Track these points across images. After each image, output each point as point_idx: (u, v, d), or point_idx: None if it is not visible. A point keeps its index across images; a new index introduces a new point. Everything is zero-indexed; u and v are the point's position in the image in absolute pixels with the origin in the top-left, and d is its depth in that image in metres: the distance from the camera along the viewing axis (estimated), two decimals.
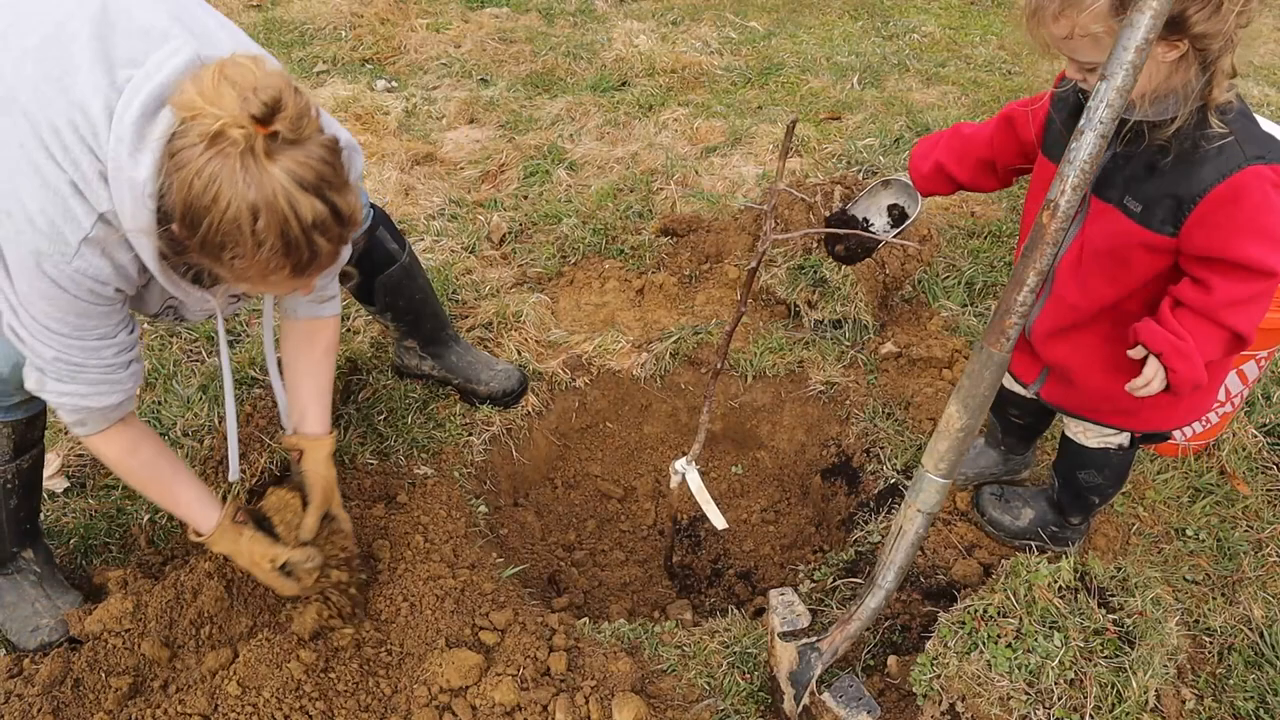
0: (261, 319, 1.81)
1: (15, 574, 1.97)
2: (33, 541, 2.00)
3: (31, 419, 1.84)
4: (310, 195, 1.32)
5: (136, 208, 1.36)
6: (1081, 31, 1.40)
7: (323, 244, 1.37)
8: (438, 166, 3.76)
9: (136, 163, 1.33)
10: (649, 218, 3.34)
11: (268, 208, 1.29)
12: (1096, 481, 2.02)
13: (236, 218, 1.28)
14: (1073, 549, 2.17)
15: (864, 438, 2.53)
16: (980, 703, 1.56)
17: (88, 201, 1.38)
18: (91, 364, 1.55)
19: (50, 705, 1.74)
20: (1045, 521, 2.16)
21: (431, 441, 2.46)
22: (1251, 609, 2.06)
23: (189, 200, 1.30)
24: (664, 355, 2.78)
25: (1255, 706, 1.88)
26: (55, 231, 1.37)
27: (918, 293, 2.98)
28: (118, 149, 1.33)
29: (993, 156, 1.89)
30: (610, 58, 4.70)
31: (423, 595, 1.95)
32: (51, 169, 1.35)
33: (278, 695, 1.75)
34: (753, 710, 1.85)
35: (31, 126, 1.34)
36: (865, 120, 4.05)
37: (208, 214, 1.29)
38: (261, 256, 1.33)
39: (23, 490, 1.90)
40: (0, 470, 1.85)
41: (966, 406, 1.55)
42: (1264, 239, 1.46)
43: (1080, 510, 2.11)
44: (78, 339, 1.51)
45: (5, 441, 1.83)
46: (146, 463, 1.74)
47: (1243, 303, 1.52)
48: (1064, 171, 1.36)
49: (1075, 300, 1.71)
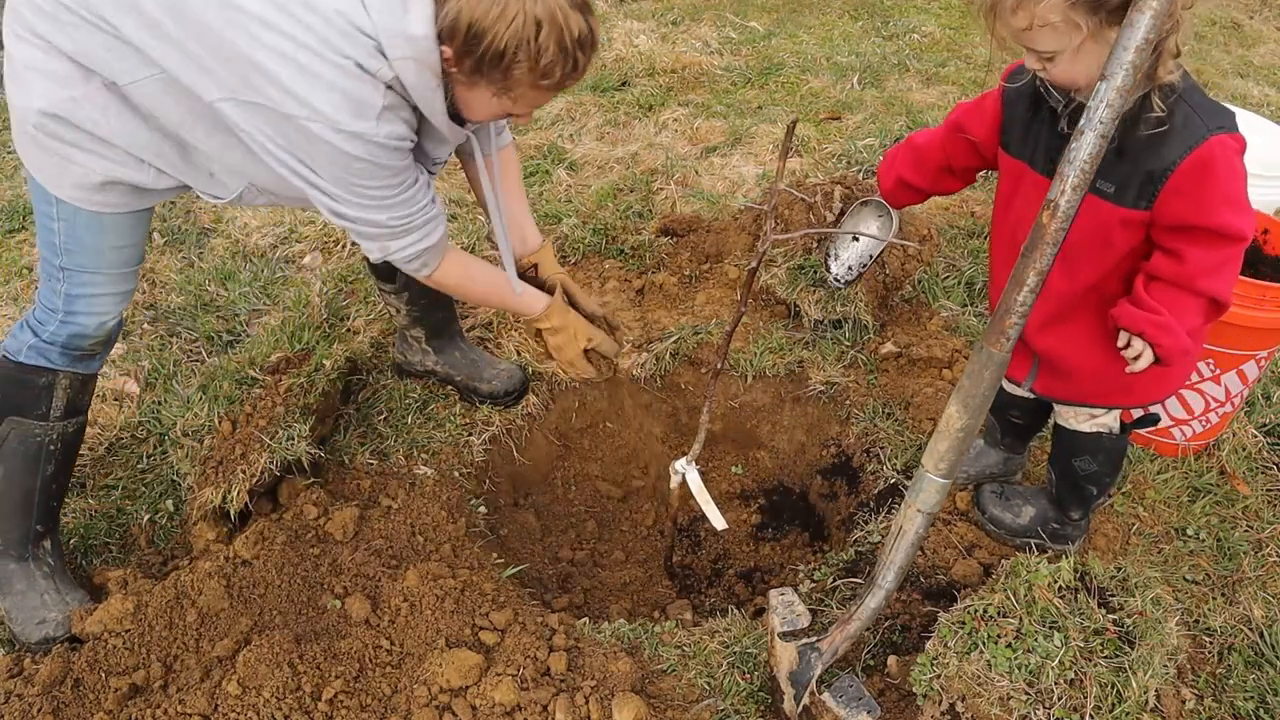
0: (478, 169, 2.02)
1: (30, 561, 1.98)
2: (53, 530, 2.03)
3: (86, 379, 1.96)
4: (578, 13, 1.55)
5: (423, 55, 1.55)
6: (1040, 21, 1.43)
7: (582, 60, 1.61)
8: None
9: (409, 19, 1.51)
10: (649, 218, 3.34)
11: (549, 20, 1.51)
12: (1092, 469, 2.04)
13: (522, 29, 1.50)
14: (1073, 548, 2.17)
15: (864, 438, 2.53)
16: (980, 703, 1.56)
17: (374, 77, 1.55)
18: (415, 212, 1.78)
19: (50, 705, 1.74)
20: (1046, 519, 2.16)
21: (431, 441, 2.47)
22: (1251, 609, 2.06)
23: (474, 19, 1.50)
24: (664, 355, 2.78)
25: (1255, 706, 1.88)
26: (357, 114, 1.56)
27: (918, 293, 2.98)
28: (385, 19, 1.51)
29: (947, 161, 1.97)
30: (610, 58, 4.70)
31: (423, 595, 1.95)
32: (328, 69, 1.51)
33: (278, 695, 1.75)
34: (753, 710, 1.85)
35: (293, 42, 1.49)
36: (865, 120, 4.05)
37: (493, 28, 1.50)
38: (543, 63, 1.55)
39: (61, 457, 1.97)
40: (46, 428, 1.92)
41: (966, 406, 1.55)
42: (1233, 205, 1.54)
43: (1079, 503, 2.12)
44: (398, 195, 1.73)
45: (60, 395, 1.91)
46: (478, 277, 2.04)
47: (1216, 268, 1.57)
48: (1064, 171, 1.36)
49: (1063, 287, 1.75)
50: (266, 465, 2.15)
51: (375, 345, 2.74)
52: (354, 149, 1.58)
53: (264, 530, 2.08)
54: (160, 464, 2.36)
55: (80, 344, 1.89)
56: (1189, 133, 1.51)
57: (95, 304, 1.87)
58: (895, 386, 2.66)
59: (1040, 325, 1.84)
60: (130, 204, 1.80)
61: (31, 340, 1.87)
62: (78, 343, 1.89)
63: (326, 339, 2.69)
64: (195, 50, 1.52)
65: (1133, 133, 1.54)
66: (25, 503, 1.95)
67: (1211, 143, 1.50)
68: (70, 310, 1.86)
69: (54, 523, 2.03)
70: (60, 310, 1.86)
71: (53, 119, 1.63)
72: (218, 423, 2.27)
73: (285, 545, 2.06)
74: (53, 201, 1.76)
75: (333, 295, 2.95)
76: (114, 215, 1.80)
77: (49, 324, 1.87)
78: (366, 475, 2.35)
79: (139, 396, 2.56)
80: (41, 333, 1.87)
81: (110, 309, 1.89)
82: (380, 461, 2.40)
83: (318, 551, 2.08)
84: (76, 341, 1.88)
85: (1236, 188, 1.53)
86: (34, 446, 1.93)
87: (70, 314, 1.86)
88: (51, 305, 1.86)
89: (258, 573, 2.01)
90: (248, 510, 2.15)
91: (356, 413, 2.53)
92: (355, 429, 2.48)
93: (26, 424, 1.91)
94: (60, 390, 1.91)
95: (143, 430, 2.47)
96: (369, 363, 2.67)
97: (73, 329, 1.87)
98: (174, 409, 2.40)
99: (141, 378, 2.62)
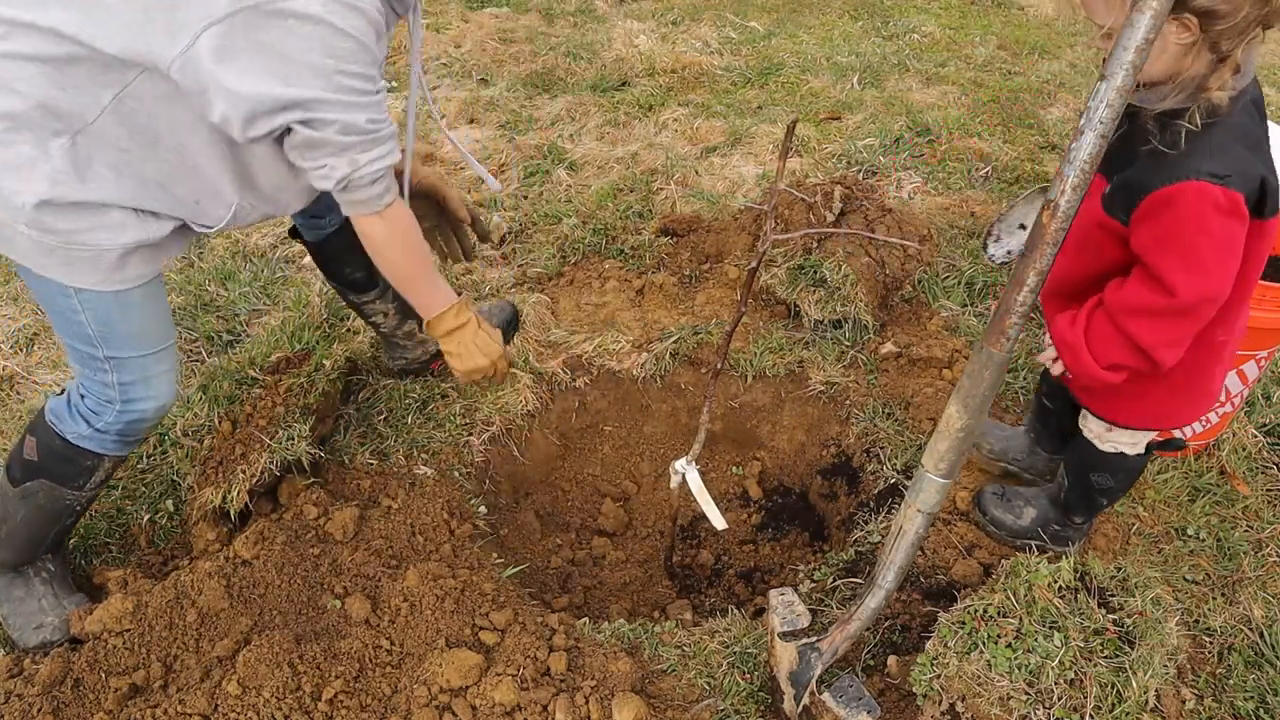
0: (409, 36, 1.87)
1: (29, 569, 2.00)
2: (58, 548, 2.05)
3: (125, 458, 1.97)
4: None
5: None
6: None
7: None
8: (438, 166, 3.76)
9: None
10: (649, 218, 3.34)
11: None
12: (1108, 485, 2.03)
13: None
14: (1072, 549, 2.17)
15: (864, 438, 2.53)
16: (980, 703, 1.56)
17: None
18: (384, 120, 1.65)
19: (50, 705, 1.74)
20: (1047, 520, 2.16)
21: (431, 441, 2.47)
22: (1251, 609, 2.06)
23: None
24: (664, 355, 2.78)
25: (1255, 706, 1.88)
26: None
27: (918, 293, 2.98)
28: None
29: None
30: (610, 58, 4.70)
31: (423, 595, 1.95)
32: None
33: (278, 695, 1.75)
34: (753, 710, 1.85)
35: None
36: (865, 120, 4.05)
37: None
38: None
39: (80, 511, 1.99)
40: (77, 495, 1.93)
41: (966, 406, 1.55)
42: (1182, 258, 1.45)
43: (1086, 510, 2.11)
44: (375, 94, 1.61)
45: (101, 473, 1.93)
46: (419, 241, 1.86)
47: (1144, 313, 1.52)
48: (1064, 171, 1.36)
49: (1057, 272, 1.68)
50: (266, 465, 2.15)
51: (375, 345, 2.74)
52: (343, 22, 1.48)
53: (264, 530, 2.08)
54: (160, 464, 2.36)
55: (138, 429, 1.88)
56: (1180, 165, 1.43)
57: (151, 387, 1.83)
58: (895, 386, 2.66)
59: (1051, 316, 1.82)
60: (147, 272, 1.73)
61: (86, 430, 1.84)
62: (135, 429, 1.87)
63: (326, 339, 2.69)
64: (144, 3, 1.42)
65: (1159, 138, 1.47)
66: (34, 543, 1.98)
67: (1189, 185, 1.41)
68: (127, 399, 1.82)
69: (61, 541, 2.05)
70: (117, 401, 1.82)
71: (45, 208, 1.53)
72: (218, 423, 2.27)
73: (285, 545, 2.06)
74: (71, 294, 1.68)
75: (333, 295, 2.95)
76: (140, 289, 1.73)
77: (105, 414, 1.83)
78: (366, 475, 2.35)
79: None
80: (96, 423, 1.84)
81: (166, 389, 1.86)
82: (380, 461, 2.40)
83: (318, 551, 2.08)
84: (134, 428, 1.87)
85: (1195, 242, 1.43)
86: (60, 508, 1.94)
87: (128, 403, 1.83)
88: (106, 397, 1.81)
89: (258, 573, 2.00)
90: (248, 510, 2.15)
91: (356, 413, 2.53)
92: (355, 429, 2.48)
93: (59, 490, 1.91)
94: (102, 470, 1.92)
95: None
96: (369, 363, 2.67)
97: (131, 416, 1.84)
98: (174, 409, 2.40)
99: None
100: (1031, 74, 4.64)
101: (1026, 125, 4.11)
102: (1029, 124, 4.12)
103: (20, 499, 1.90)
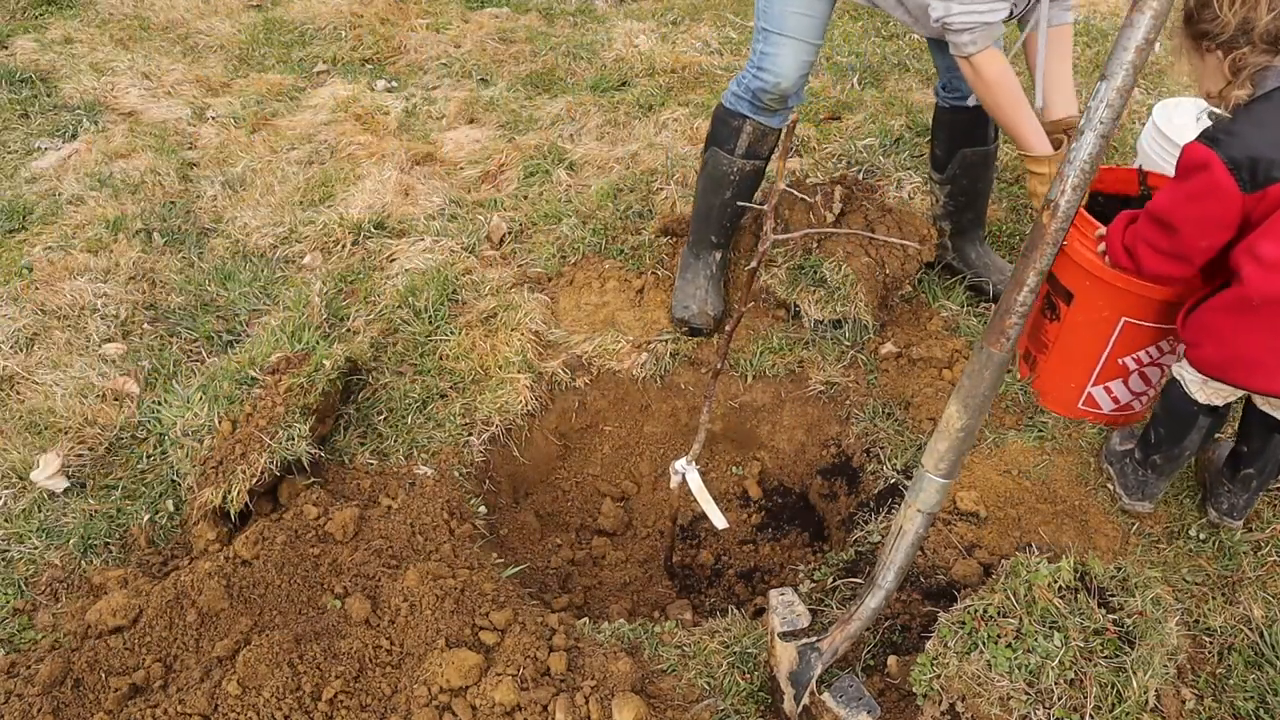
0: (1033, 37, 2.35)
1: (700, 261, 2.76)
2: (723, 246, 2.77)
3: (766, 131, 2.55)
4: None
5: None
6: None
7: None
8: (437, 166, 3.76)
9: None
10: (649, 218, 3.34)
11: None
12: (1158, 412, 2.20)
13: None
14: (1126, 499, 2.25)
15: (864, 438, 2.53)
16: (980, 703, 1.56)
17: None
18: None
19: (50, 705, 1.74)
20: (1129, 450, 2.28)
21: (431, 441, 2.47)
22: (1251, 609, 2.06)
23: None
24: (664, 355, 2.78)
25: (1255, 706, 1.88)
26: None
27: (918, 293, 2.97)
28: None
29: None
30: (610, 58, 4.70)
31: (423, 595, 1.95)
32: None
33: (278, 695, 1.75)
34: (753, 710, 1.85)
35: None
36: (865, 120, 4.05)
37: None
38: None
39: (738, 187, 2.63)
40: (730, 161, 2.58)
41: (966, 406, 1.55)
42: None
43: (1144, 439, 2.23)
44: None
45: (745, 137, 2.54)
46: (1012, 84, 2.23)
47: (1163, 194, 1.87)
48: (1064, 171, 1.36)
49: None
50: (266, 465, 2.15)
51: (375, 345, 2.74)
52: None
53: (264, 530, 2.08)
54: (160, 464, 2.36)
55: (763, 97, 2.45)
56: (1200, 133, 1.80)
57: (776, 62, 2.37)
58: (895, 386, 2.66)
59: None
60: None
61: (734, 89, 2.51)
62: (761, 96, 2.45)
63: (326, 339, 2.69)
64: None
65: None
66: (708, 214, 2.70)
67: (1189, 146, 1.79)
68: (759, 67, 2.41)
69: (725, 240, 2.77)
70: (754, 66, 2.43)
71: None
72: (218, 423, 2.27)
73: (285, 545, 2.06)
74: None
75: (333, 295, 2.95)
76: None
77: (744, 77, 2.47)
78: (366, 475, 2.35)
79: (139, 396, 2.56)
80: (738, 84, 2.50)
81: (787, 72, 2.38)
82: (380, 461, 2.40)
83: (318, 551, 2.08)
84: (761, 96, 2.45)
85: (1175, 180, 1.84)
86: (719, 174, 2.61)
87: (759, 70, 2.42)
88: (752, 62, 2.42)
89: (258, 573, 2.01)
90: (248, 510, 2.15)
91: (356, 413, 2.53)
92: (355, 429, 2.48)
93: (718, 154, 2.58)
94: (745, 134, 2.53)
95: (143, 430, 2.47)
96: (369, 363, 2.67)
97: (758, 84, 2.43)
98: (174, 409, 2.40)
99: (141, 378, 2.62)
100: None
101: None
102: None
103: (701, 172, 2.67)
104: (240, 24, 4.98)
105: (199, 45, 4.76)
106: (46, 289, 2.90)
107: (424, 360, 2.72)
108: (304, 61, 4.67)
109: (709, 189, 2.66)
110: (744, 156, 2.57)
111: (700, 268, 2.75)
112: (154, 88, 4.24)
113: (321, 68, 4.62)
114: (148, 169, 3.58)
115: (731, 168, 2.59)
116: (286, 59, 4.70)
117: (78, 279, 2.95)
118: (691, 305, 2.71)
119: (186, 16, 5.02)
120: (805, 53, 2.39)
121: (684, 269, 2.79)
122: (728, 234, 2.76)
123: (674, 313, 2.74)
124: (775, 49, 2.39)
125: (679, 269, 2.81)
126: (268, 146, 3.84)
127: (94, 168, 3.58)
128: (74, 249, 3.09)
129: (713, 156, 2.62)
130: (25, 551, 2.15)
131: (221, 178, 3.60)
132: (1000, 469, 2.37)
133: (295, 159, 3.75)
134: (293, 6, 5.20)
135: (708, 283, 2.74)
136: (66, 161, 3.63)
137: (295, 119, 4.07)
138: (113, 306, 2.87)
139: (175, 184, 3.56)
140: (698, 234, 2.76)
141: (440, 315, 2.86)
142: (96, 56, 4.47)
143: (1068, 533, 2.21)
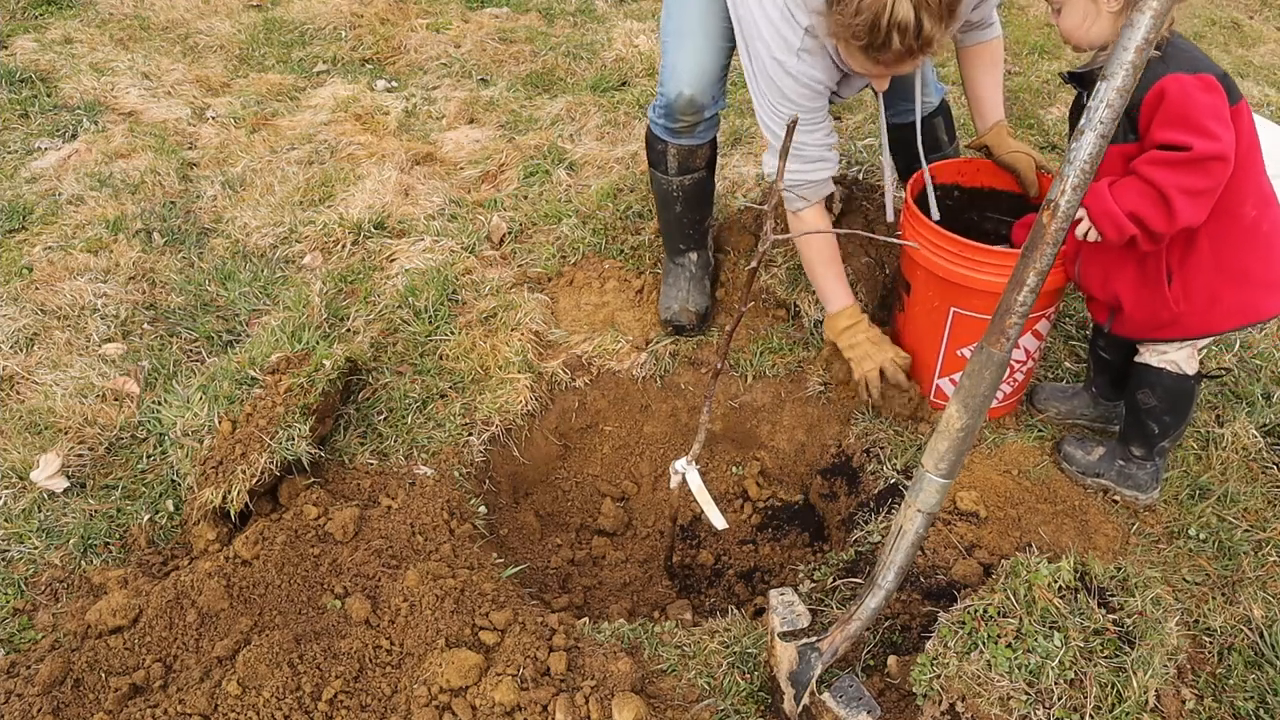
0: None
1: (677, 265, 2.80)
2: (698, 248, 2.79)
3: (693, 149, 2.54)
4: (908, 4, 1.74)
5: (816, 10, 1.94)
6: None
7: (896, 42, 1.80)
8: (437, 166, 3.76)
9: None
10: (649, 218, 3.34)
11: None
12: (1151, 404, 2.16)
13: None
14: (1144, 497, 2.25)
15: (864, 438, 2.53)
16: (980, 703, 1.56)
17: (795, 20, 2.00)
18: (808, 142, 2.17)
19: (50, 705, 1.74)
20: (1114, 455, 2.27)
21: (431, 441, 2.46)
22: (1251, 609, 2.06)
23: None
24: (664, 355, 2.78)
25: (1255, 706, 1.88)
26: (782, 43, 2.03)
27: None
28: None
29: None
30: (610, 58, 4.70)
31: (423, 595, 1.95)
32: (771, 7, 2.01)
33: (278, 695, 1.75)
34: (753, 710, 1.85)
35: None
36: (865, 120, 4.05)
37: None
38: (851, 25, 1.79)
39: (685, 200, 2.65)
40: (668, 178, 2.59)
41: (967, 406, 1.55)
42: (1184, 126, 1.74)
43: (1141, 440, 2.21)
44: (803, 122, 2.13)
45: (672, 160, 2.54)
46: (828, 241, 2.32)
47: (1165, 164, 1.77)
48: (1064, 171, 1.36)
49: None
50: (266, 465, 2.15)
51: (375, 345, 2.74)
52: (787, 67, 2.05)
53: (264, 530, 2.08)
54: (160, 464, 2.36)
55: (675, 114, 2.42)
56: (1149, 75, 1.74)
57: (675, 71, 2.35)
58: None
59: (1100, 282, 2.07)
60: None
61: (651, 114, 2.53)
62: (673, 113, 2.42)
63: (326, 339, 2.69)
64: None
65: None
66: (668, 227, 2.77)
67: (1167, 79, 1.74)
68: (660, 84, 2.42)
69: (696, 242, 2.78)
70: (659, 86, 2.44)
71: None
72: (218, 423, 2.27)
73: (285, 545, 2.06)
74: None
75: (333, 295, 2.95)
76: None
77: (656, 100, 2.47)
78: (366, 475, 2.35)
79: (139, 396, 2.56)
80: (653, 110, 2.50)
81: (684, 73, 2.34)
82: (380, 461, 2.40)
83: (318, 551, 2.08)
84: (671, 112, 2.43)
85: (1191, 113, 1.73)
86: (663, 190, 2.65)
87: (661, 87, 2.42)
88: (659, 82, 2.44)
89: (258, 573, 2.01)
90: (248, 510, 2.15)
91: (356, 413, 2.53)
92: (355, 429, 2.48)
93: (657, 175, 2.62)
94: (671, 156, 2.54)
95: (143, 430, 2.47)
96: (369, 363, 2.67)
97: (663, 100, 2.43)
98: (174, 409, 2.40)
99: (141, 378, 2.62)
100: (1031, 74, 4.64)
101: (1027, 125, 4.11)
102: (1029, 124, 4.12)
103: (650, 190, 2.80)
104: (240, 24, 4.98)
105: (199, 45, 4.76)
106: (46, 289, 2.90)
107: (424, 360, 2.72)
108: (304, 61, 4.67)
109: (659, 205, 2.74)
110: (679, 174, 2.58)
111: (679, 271, 2.79)
112: (154, 88, 4.24)
113: (321, 68, 4.62)
114: (148, 169, 3.58)
115: (671, 185, 2.61)
116: (286, 59, 4.70)
117: (78, 279, 2.95)
118: (674, 305, 2.75)
119: (186, 16, 5.02)
120: (701, 51, 2.32)
121: (665, 275, 2.84)
122: (694, 238, 2.78)
123: (660, 316, 2.79)
124: (670, 56, 2.38)
125: (662, 276, 2.85)
126: (268, 146, 3.84)
127: (94, 168, 3.58)
128: (74, 249, 3.09)
129: (652, 176, 2.67)
130: (25, 551, 2.15)
131: (221, 178, 3.60)
132: (1000, 469, 2.37)
133: (295, 159, 3.75)
134: (293, 6, 5.20)
135: (688, 283, 2.77)
136: (66, 161, 3.63)
137: (295, 119, 4.07)
138: (113, 306, 2.87)
139: (175, 184, 3.56)
140: (667, 243, 2.83)
141: (440, 315, 2.86)
142: (96, 56, 4.47)
143: (1068, 533, 2.21)
